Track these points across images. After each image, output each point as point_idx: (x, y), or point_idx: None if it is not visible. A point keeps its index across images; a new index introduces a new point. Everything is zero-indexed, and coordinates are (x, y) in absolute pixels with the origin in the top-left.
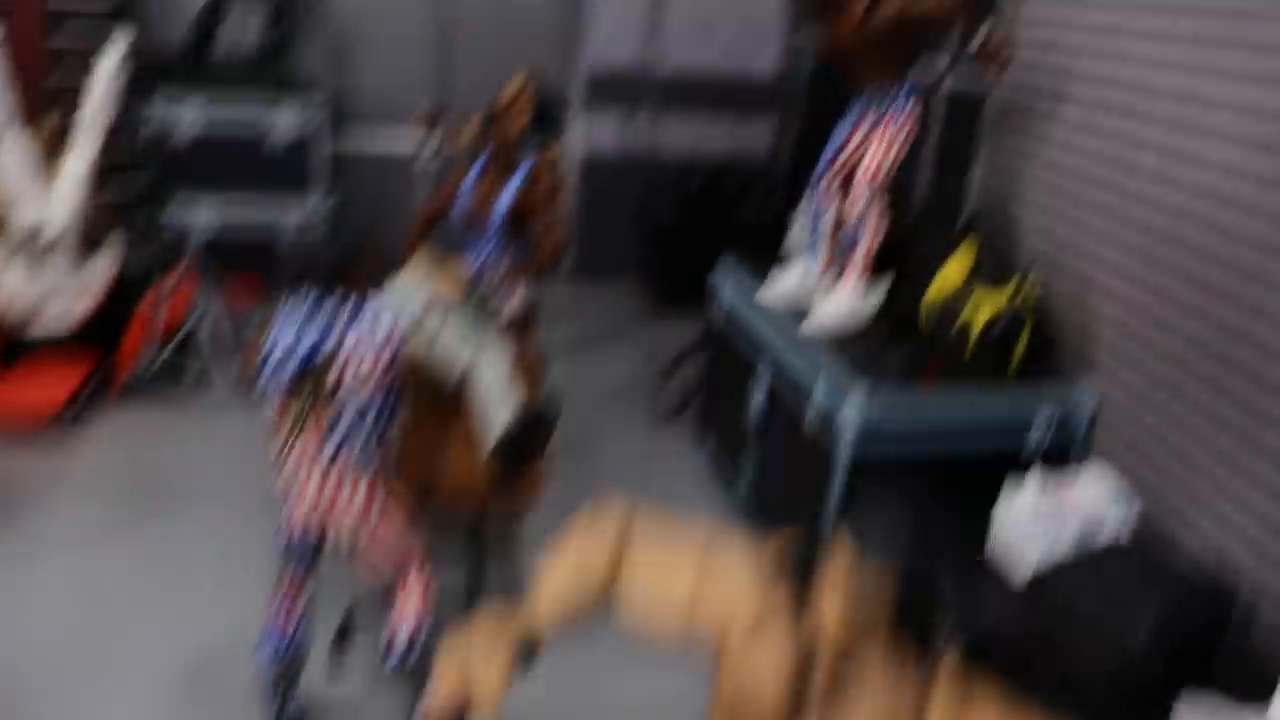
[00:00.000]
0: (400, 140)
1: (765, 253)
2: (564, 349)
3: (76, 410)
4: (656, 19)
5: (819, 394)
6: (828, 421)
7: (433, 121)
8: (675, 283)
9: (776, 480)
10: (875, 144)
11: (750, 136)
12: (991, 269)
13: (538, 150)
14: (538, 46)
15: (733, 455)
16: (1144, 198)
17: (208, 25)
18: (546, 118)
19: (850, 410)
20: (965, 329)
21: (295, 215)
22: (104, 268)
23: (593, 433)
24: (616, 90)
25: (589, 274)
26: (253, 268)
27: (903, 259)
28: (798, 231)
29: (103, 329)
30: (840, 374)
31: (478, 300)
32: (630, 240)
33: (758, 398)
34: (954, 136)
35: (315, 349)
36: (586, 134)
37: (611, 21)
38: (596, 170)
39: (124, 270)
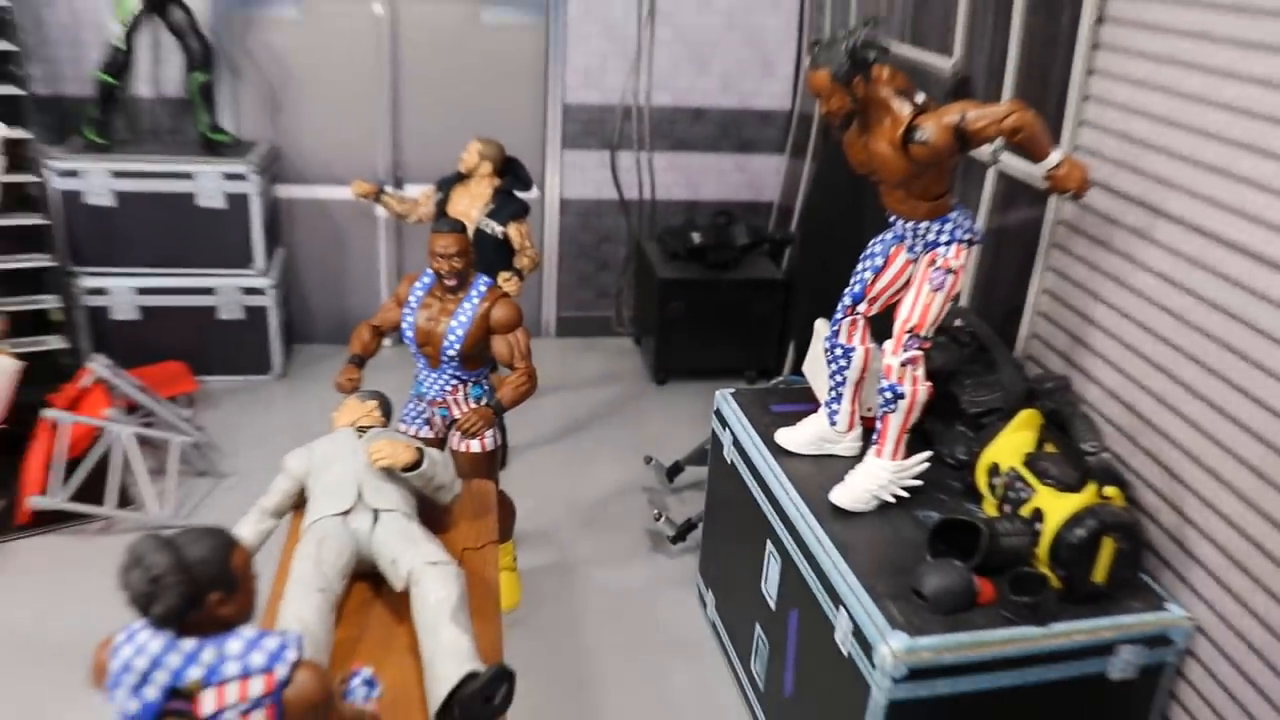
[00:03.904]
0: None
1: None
2: (550, 435)
3: None
4: (640, 51)
5: (846, 620)
6: (860, 645)
7: (378, 193)
8: (676, 346)
9: (799, 681)
10: (917, 289)
11: (759, 174)
12: (1061, 471)
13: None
14: (505, 89)
15: (744, 623)
16: (1267, 392)
17: (115, 76)
18: (514, 177)
19: (886, 654)
20: (1034, 523)
21: (239, 282)
22: (1, 377)
23: (577, 559)
24: (598, 129)
25: (574, 331)
26: (184, 351)
27: (947, 410)
28: (817, 353)
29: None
30: (873, 608)
31: (421, 477)
32: (621, 294)
33: (773, 573)
34: (1003, 264)
35: (177, 677)
36: (563, 179)
37: (587, 56)
38: (579, 216)
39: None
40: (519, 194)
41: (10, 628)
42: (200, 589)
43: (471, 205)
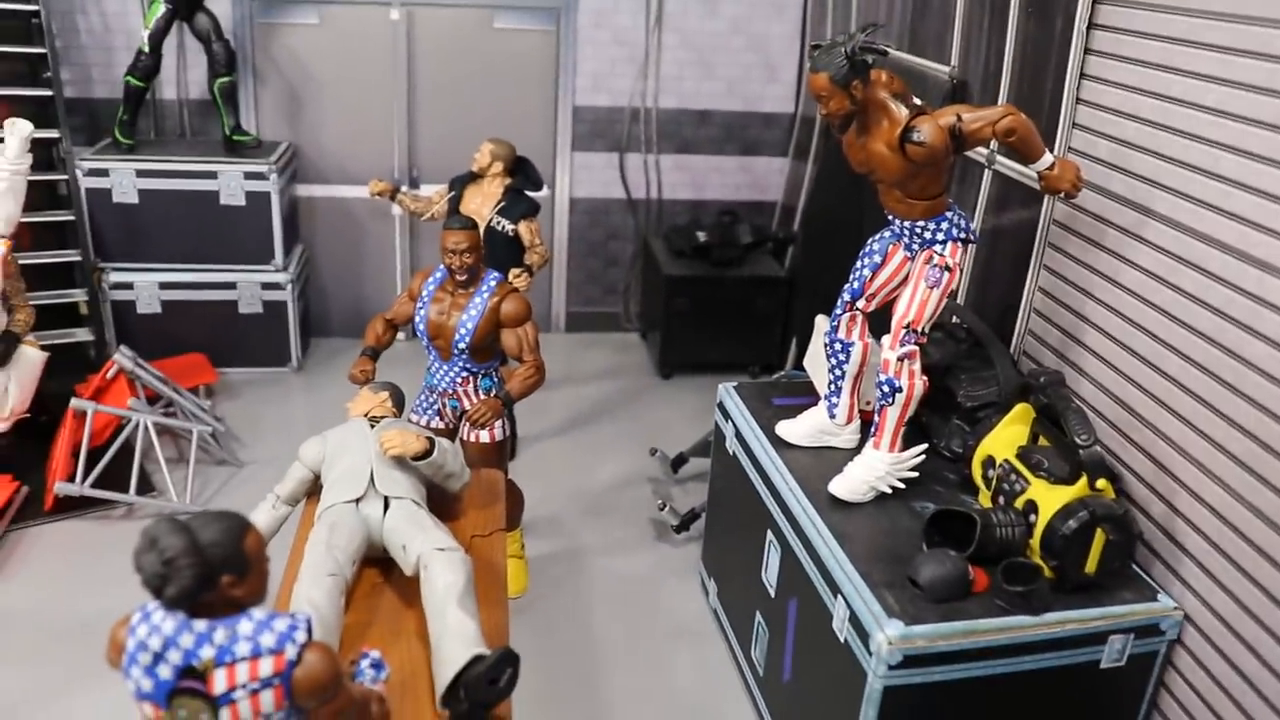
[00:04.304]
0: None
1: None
2: (558, 427)
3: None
4: (648, 56)
5: (843, 608)
6: (856, 633)
7: (393, 192)
8: (681, 341)
9: (798, 667)
10: (914, 285)
11: (763, 175)
12: (1054, 464)
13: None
14: (517, 92)
15: (745, 611)
16: (1253, 387)
17: (142, 79)
18: (524, 176)
19: (882, 641)
20: (1028, 514)
21: (258, 278)
22: (26, 368)
23: (583, 547)
24: (606, 131)
25: (583, 327)
26: (205, 343)
27: (944, 404)
28: (817, 347)
29: (28, 437)
30: (870, 597)
31: (431, 465)
32: (629, 291)
33: (773, 562)
34: (999, 262)
35: (190, 656)
36: (573, 179)
37: (596, 60)
38: (588, 215)
39: (47, 368)
40: (529, 193)
41: (37, 608)
42: (213, 571)
43: (484, 204)
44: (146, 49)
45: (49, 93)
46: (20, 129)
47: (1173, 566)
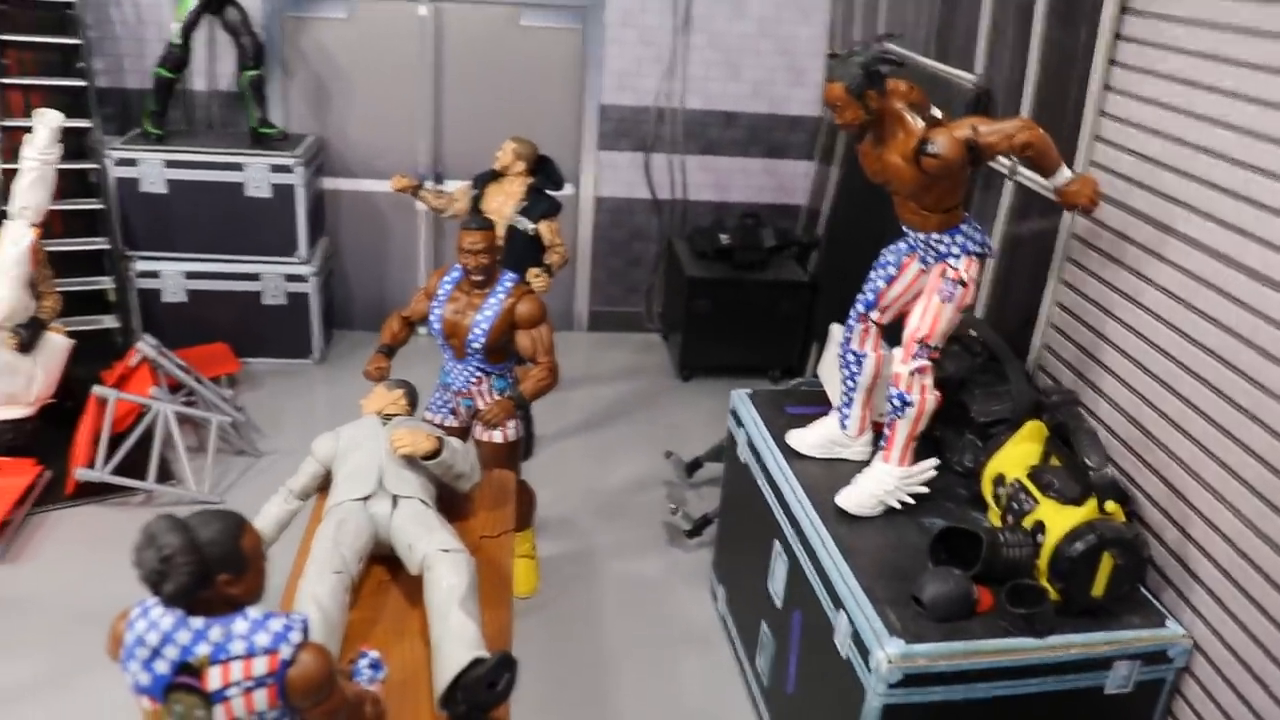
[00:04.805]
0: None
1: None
2: (575, 427)
3: (18, 519)
4: (675, 56)
5: (845, 623)
6: (857, 649)
7: (416, 187)
8: (701, 344)
9: (801, 680)
10: (926, 299)
11: (788, 178)
12: (1064, 484)
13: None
14: (543, 90)
15: (751, 619)
16: (1268, 412)
17: (172, 71)
18: (546, 175)
19: (882, 659)
20: (1035, 535)
21: (282, 269)
22: (52, 355)
23: (595, 548)
24: (632, 130)
25: (605, 326)
26: (229, 333)
27: (957, 419)
28: (832, 357)
29: (52, 422)
30: (872, 613)
31: (441, 465)
32: (652, 291)
33: (779, 573)
34: (1015, 276)
35: (186, 653)
36: (598, 178)
37: (623, 60)
38: (612, 214)
39: (74, 354)
40: (551, 192)
41: (56, 592)
42: (210, 569)
43: (505, 202)
44: (177, 41)
45: (82, 83)
46: (50, 119)
47: (1184, 593)
